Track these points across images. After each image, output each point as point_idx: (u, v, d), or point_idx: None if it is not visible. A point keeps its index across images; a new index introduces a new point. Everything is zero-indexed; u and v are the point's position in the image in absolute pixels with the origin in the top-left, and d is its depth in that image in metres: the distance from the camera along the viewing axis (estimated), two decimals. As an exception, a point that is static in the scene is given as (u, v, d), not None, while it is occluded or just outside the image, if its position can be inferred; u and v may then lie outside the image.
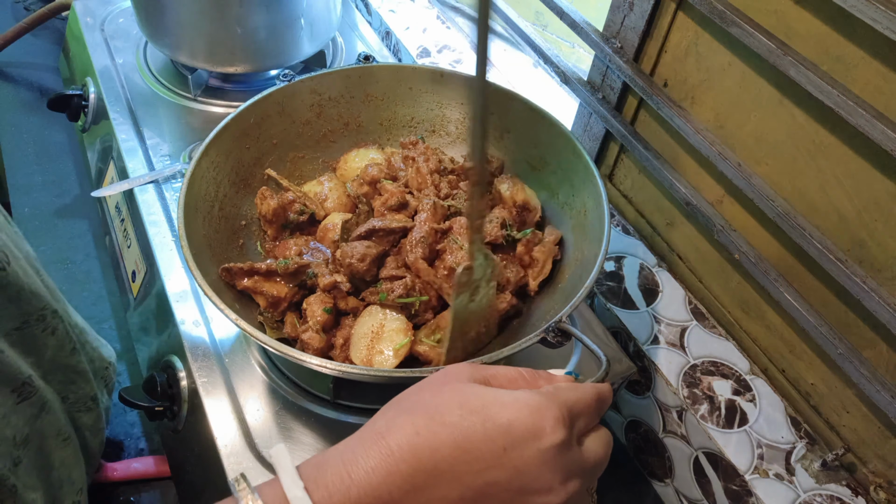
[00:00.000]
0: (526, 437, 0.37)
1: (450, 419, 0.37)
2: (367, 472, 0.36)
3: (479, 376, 0.42)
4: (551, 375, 0.45)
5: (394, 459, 0.36)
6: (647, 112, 0.78)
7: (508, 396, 0.39)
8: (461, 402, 0.38)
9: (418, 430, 0.37)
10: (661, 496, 0.78)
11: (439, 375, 0.42)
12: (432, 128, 0.81)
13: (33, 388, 0.55)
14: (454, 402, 0.38)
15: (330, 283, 0.62)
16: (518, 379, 0.43)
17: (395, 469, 0.36)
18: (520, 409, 0.38)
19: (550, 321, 0.53)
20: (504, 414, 0.38)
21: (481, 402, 0.38)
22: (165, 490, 0.75)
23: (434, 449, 0.37)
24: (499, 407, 0.38)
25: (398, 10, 1.19)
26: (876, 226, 0.57)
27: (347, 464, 0.36)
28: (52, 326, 0.58)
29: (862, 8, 0.49)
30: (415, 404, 0.39)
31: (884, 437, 0.62)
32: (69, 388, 0.63)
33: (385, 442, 0.37)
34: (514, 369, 0.43)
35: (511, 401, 0.38)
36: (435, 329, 0.62)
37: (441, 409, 0.38)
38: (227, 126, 0.68)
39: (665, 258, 0.82)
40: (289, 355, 0.51)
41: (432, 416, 0.38)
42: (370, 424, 0.39)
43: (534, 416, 0.38)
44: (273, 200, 0.69)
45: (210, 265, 0.61)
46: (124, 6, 1.11)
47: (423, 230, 0.65)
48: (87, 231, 1.01)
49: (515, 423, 0.38)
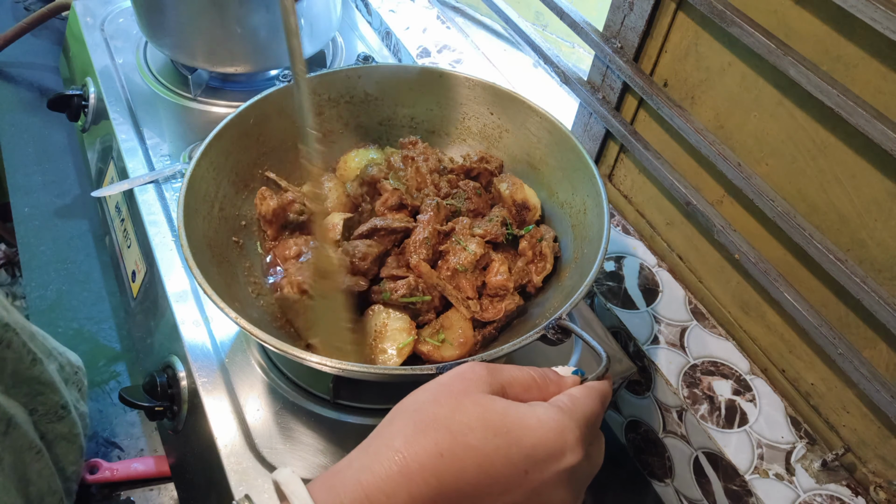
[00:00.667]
0: (548, 460, 0.37)
1: (474, 441, 0.36)
2: (387, 496, 0.35)
3: (496, 383, 0.41)
4: (560, 377, 0.44)
5: (416, 484, 0.35)
6: (647, 112, 0.78)
7: (531, 417, 0.38)
8: (485, 422, 0.37)
9: (441, 452, 0.36)
10: (661, 496, 0.78)
11: (455, 381, 0.40)
12: (432, 128, 0.81)
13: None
14: (477, 420, 0.37)
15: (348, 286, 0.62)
16: (532, 386, 0.42)
17: (418, 493, 0.35)
18: (545, 432, 0.38)
19: (551, 318, 0.53)
20: (528, 438, 0.37)
21: (504, 422, 0.38)
22: (165, 490, 0.75)
23: (458, 473, 0.36)
24: (523, 430, 0.38)
25: (398, 10, 1.19)
26: (876, 226, 0.57)
27: (366, 487, 0.35)
28: (7, 340, 0.57)
29: (862, 8, 0.49)
30: (434, 419, 0.38)
31: (884, 437, 0.62)
32: (36, 401, 0.62)
33: (406, 463, 0.35)
34: (526, 372, 0.43)
35: (535, 423, 0.38)
36: (438, 329, 0.62)
37: (464, 428, 0.37)
38: (226, 126, 0.68)
39: (665, 258, 0.82)
40: (289, 354, 0.51)
41: (455, 436, 0.36)
42: (384, 438, 0.38)
43: (557, 440, 0.38)
44: (273, 201, 0.69)
45: (210, 265, 0.61)
46: (124, 6, 1.11)
47: (427, 232, 0.65)
48: (87, 231, 1.01)
49: (539, 447, 0.37)
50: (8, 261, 1.62)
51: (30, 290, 0.91)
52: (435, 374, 0.49)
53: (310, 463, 0.60)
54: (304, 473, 0.60)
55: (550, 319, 0.53)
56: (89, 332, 0.88)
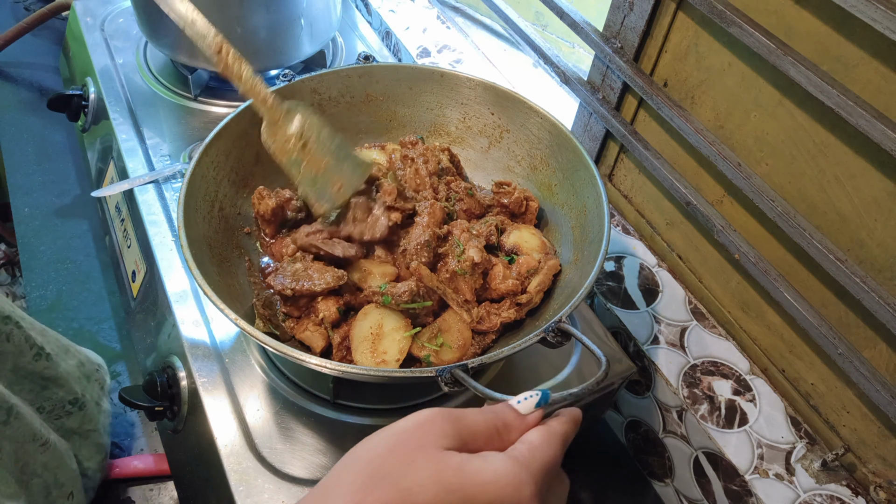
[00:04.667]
0: None
1: (423, 500, 0.36)
2: None
3: (456, 434, 0.39)
4: (521, 418, 0.42)
5: None
6: (647, 112, 0.78)
7: (487, 473, 0.37)
8: (438, 481, 0.36)
9: None
10: (661, 496, 0.78)
11: (413, 432, 0.39)
12: (432, 127, 0.81)
13: None
14: (429, 478, 0.36)
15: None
16: (493, 435, 0.41)
17: None
18: (500, 488, 0.37)
19: (550, 321, 0.53)
20: (483, 496, 0.37)
21: (458, 479, 0.37)
22: (165, 490, 0.75)
23: None
24: (477, 487, 0.37)
25: (398, 10, 1.19)
26: (876, 226, 0.57)
27: None
28: (6, 333, 0.57)
29: (862, 8, 0.49)
30: (385, 476, 0.37)
31: (884, 437, 0.62)
32: (42, 396, 0.62)
33: None
34: (486, 419, 0.41)
35: (490, 478, 0.37)
36: (437, 333, 0.62)
37: (415, 486, 0.36)
38: (226, 126, 0.68)
39: (665, 258, 0.82)
40: (289, 355, 0.51)
41: (405, 495, 0.36)
42: (333, 492, 0.37)
43: (512, 495, 0.37)
44: (271, 200, 0.69)
45: (210, 265, 0.61)
46: (124, 6, 1.11)
47: (427, 235, 0.65)
48: (87, 231, 1.01)
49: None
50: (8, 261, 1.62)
51: (30, 290, 0.91)
52: (435, 378, 0.49)
53: (310, 463, 0.60)
54: (305, 474, 0.60)
55: (550, 322, 0.53)
56: (89, 332, 0.88)
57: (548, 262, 0.67)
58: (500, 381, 0.68)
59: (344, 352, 0.61)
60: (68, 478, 0.62)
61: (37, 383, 0.61)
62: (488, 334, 0.63)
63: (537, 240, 0.70)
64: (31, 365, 0.60)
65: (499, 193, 0.73)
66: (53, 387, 0.63)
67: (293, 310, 0.63)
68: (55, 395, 0.63)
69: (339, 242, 0.66)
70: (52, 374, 0.63)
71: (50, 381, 0.62)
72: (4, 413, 0.55)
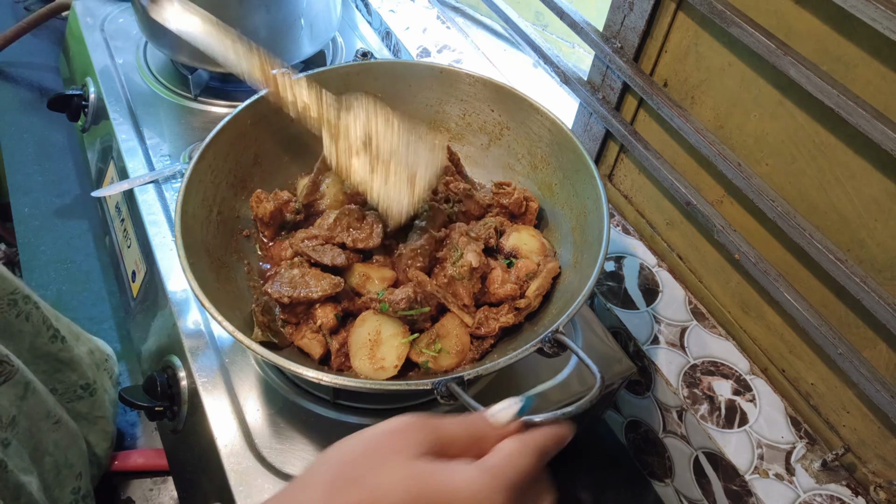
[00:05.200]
0: None
1: (391, 502, 0.36)
2: None
3: (433, 442, 0.39)
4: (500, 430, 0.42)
5: None
6: (647, 112, 0.78)
7: (457, 481, 0.37)
8: (406, 487, 0.36)
9: None
10: (661, 496, 0.78)
11: (389, 438, 0.39)
12: (432, 124, 0.81)
13: (13, 368, 0.54)
14: (398, 484, 0.37)
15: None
16: (472, 446, 0.41)
17: None
18: (468, 497, 0.37)
19: (547, 331, 0.53)
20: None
21: (428, 487, 0.37)
22: (165, 490, 0.75)
23: None
24: (446, 496, 0.37)
25: (398, 10, 1.19)
26: (876, 226, 0.57)
27: None
28: (26, 312, 0.58)
29: (862, 8, 0.49)
30: (356, 479, 0.37)
31: (884, 437, 0.62)
32: (55, 378, 0.62)
33: None
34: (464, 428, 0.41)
35: (461, 487, 0.37)
36: (435, 338, 0.61)
37: (383, 492, 0.36)
38: (223, 129, 0.67)
39: (665, 258, 0.82)
40: (286, 368, 0.51)
41: (372, 498, 0.36)
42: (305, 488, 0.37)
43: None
44: (269, 203, 0.68)
45: (208, 272, 0.60)
46: (124, 6, 1.11)
47: (423, 240, 0.64)
48: (87, 231, 1.01)
49: None
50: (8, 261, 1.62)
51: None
52: (431, 390, 0.49)
53: (309, 463, 0.60)
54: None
55: (547, 332, 0.53)
56: (89, 332, 0.88)
57: (547, 265, 0.67)
58: (497, 384, 0.68)
59: (342, 358, 0.61)
60: (77, 458, 0.62)
61: (51, 365, 0.62)
62: (486, 339, 0.63)
63: (537, 242, 0.70)
64: (48, 346, 0.61)
65: (498, 194, 0.73)
66: (67, 370, 0.64)
67: (291, 316, 0.63)
68: (68, 379, 0.64)
69: (331, 250, 0.65)
70: (67, 356, 0.63)
71: (64, 364, 0.63)
72: (23, 388, 0.56)
